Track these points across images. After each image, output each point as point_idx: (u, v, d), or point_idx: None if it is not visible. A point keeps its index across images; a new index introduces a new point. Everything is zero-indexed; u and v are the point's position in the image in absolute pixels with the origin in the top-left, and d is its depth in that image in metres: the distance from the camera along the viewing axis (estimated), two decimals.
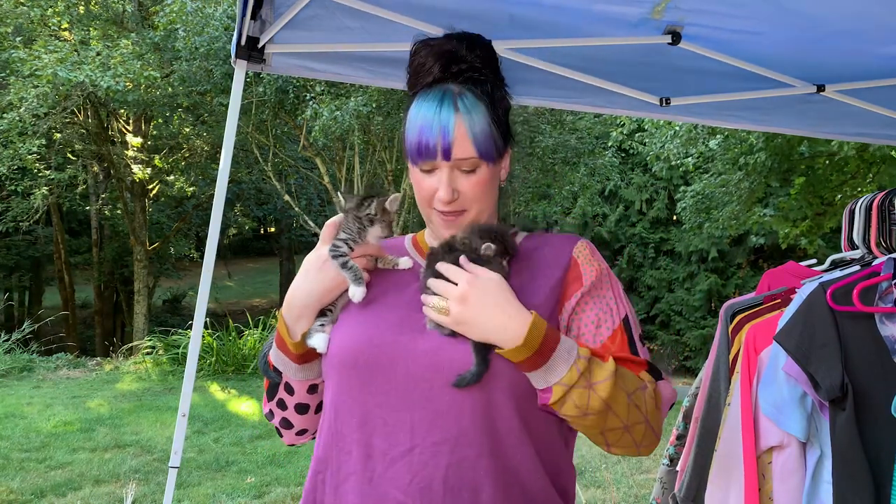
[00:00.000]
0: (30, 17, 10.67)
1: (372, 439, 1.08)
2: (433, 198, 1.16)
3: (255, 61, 2.00)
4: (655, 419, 1.10)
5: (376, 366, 1.09)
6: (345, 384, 1.13)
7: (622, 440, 1.08)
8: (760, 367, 1.57)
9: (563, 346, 1.04)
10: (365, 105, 9.10)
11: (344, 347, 1.13)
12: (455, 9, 1.82)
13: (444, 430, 1.04)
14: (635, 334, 1.15)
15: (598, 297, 1.14)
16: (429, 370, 1.06)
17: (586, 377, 1.03)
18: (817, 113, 2.34)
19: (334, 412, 1.14)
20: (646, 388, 1.09)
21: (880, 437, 1.32)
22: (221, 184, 2.10)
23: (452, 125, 1.13)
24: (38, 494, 4.66)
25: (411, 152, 1.16)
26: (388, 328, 1.12)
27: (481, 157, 1.14)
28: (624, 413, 1.05)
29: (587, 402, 1.02)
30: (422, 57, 1.22)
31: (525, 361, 1.02)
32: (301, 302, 1.18)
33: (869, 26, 1.71)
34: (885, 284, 1.37)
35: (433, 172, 1.16)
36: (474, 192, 1.15)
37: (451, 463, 1.03)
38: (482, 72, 1.19)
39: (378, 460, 1.06)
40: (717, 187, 9.54)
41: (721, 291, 16.02)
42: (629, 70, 2.10)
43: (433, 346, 1.07)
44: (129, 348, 11.39)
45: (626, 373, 1.08)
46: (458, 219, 1.17)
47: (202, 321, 2.19)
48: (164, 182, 13.99)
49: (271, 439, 6.31)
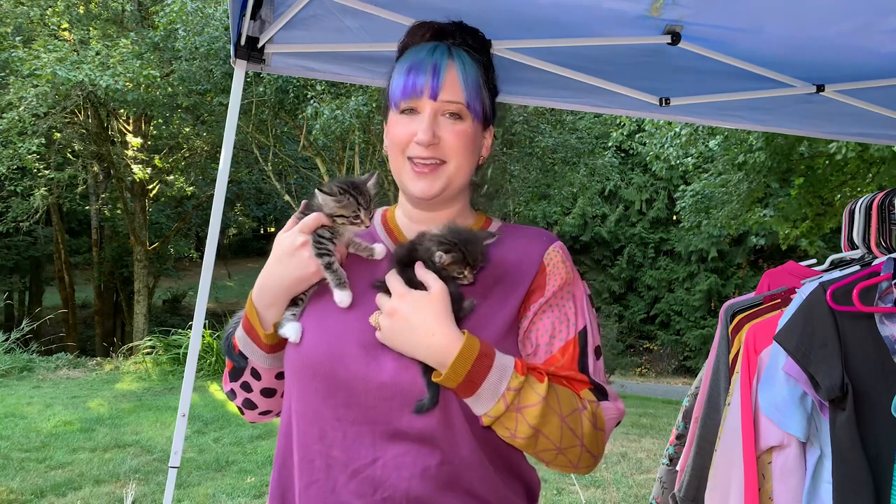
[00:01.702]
0: (29, 17, 10.68)
1: (331, 451, 1.05)
2: (409, 143, 1.11)
3: (254, 61, 2.00)
4: (593, 441, 1.05)
5: (335, 380, 1.05)
6: (305, 392, 1.08)
7: (557, 460, 1.05)
8: (760, 367, 1.57)
9: (493, 375, 0.99)
10: (365, 105, 9.11)
11: (304, 354, 1.08)
12: (454, 8, 1.81)
13: (408, 443, 1.02)
14: (590, 347, 1.11)
15: (557, 307, 1.11)
16: (388, 391, 1.02)
17: (516, 404, 1.00)
18: (817, 113, 2.34)
19: (295, 417, 1.10)
20: (584, 409, 1.05)
21: (880, 437, 1.32)
22: (221, 184, 2.10)
23: (444, 66, 1.10)
24: (38, 494, 4.66)
25: (394, 94, 1.12)
26: (351, 338, 1.06)
27: (469, 106, 1.11)
28: (556, 436, 1.02)
29: (515, 426, 1.00)
30: (415, 29, 1.20)
31: (456, 390, 1.00)
32: (272, 289, 1.11)
33: (869, 26, 1.71)
34: (885, 284, 1.37)
35: (414, 116, 1.11)
36: (456, 142, 1.11)
37: (414, 474, 1.01)
38: (477, 51, 1.18)
39: (339, 471, 1.04)
40: (717, 187, 9.55)
41: (721, 291, 16.03)
42: (629, 70, 2.10)
43: (395, 367, 1.03)
44: (129, 348, 11.39)
45: (563, 393, 1.04)
46: (433, 171, 1.11)
47: (202, 321, 2.19)
48: (164, 182, 13.99)
49: (271, 439, 6.31)
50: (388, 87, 1.16)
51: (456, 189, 1.15)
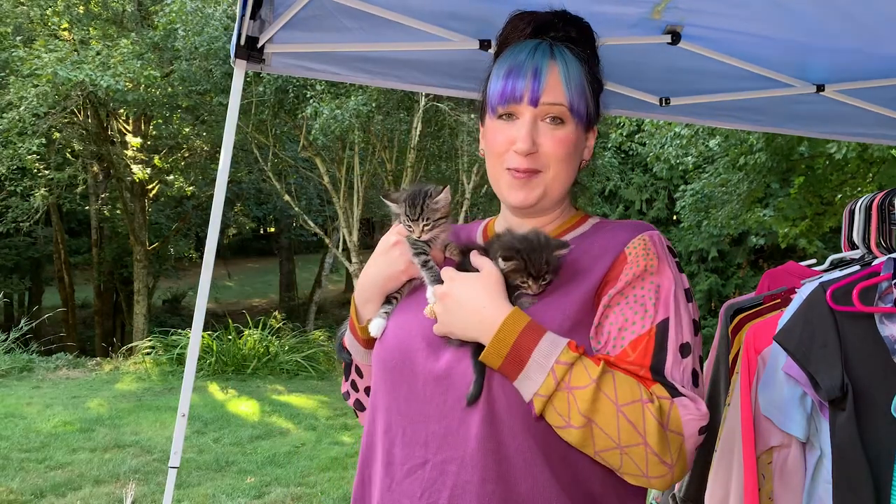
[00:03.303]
0: (29, 17, 10.68)
1: (393, 448, 1.05)
2: (508, 152, 1.06)
3: (254, 61, 2.00)
4: (661, 443, 0.90)
5: (401, 374, 1.06)
6: (378, 386, 1.11)
7: (624, 465, 0.92)
8: (760, 367, 1.56)
9: (542, 346, 0.93)
10: (365, 104, 9.11)
11: (382, 347, 1.11)
12: (453, 9, 1.82)
13: (453, 450, 0.98)
14: (671, 342, 0.97)
15: (632, 297, 0.99)
16: (443, 384, 1.00)
17: (567, 382, 0.91)
18: (817, 113, 2.34)
19: (371, 412, 1.13)
20: (649, 402, 0.91)
21: (880, 437, 1.31)
22: (221, 184, 2.10)
23: (546, 69, 1.03)
24: (37, 494, 4.66)
25: (492, 97, 1.07)
26: (420, 333, 1.06)
27: (571, 109, 1.04)
28: (612, 428, 0.90)
29: (568, 412, 0.91)
30: (516, 21, 1.13)
31: (502, 368, 0.94)
32: (368, 286, 1.15)
33: (868, 26, 1.71)
34: (884, 284, 1.37)
35: (513, 122, 1.05)
36: (556, 150, 1.05)
37: (457, 484, 0.97)
38: (580, 43, 1.11)
39: (397, 469, 1.04)
40: (717, 187, 9.55)
41: (721, 291, 16.02)
42: (629, 70, 2.10)
43: (450, 359, 1.01)
44: (128, 348, 11.38)
45: (621, 380, 0.93)
46: (531, 180, 1.06)
47: (202, 321, 2.19)
48: (164, 182, 13.97)
49: (271, 439, 6.31)
50: (485, 87, 1.11)
51: (555, 197, 1.10)
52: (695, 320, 1.03)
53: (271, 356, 9.83)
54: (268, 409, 7.40)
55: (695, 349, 1.00)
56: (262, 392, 8.33)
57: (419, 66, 2.15)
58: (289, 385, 8.98)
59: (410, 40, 1.95)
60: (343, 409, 7.46)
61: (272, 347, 9.97)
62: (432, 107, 10.21)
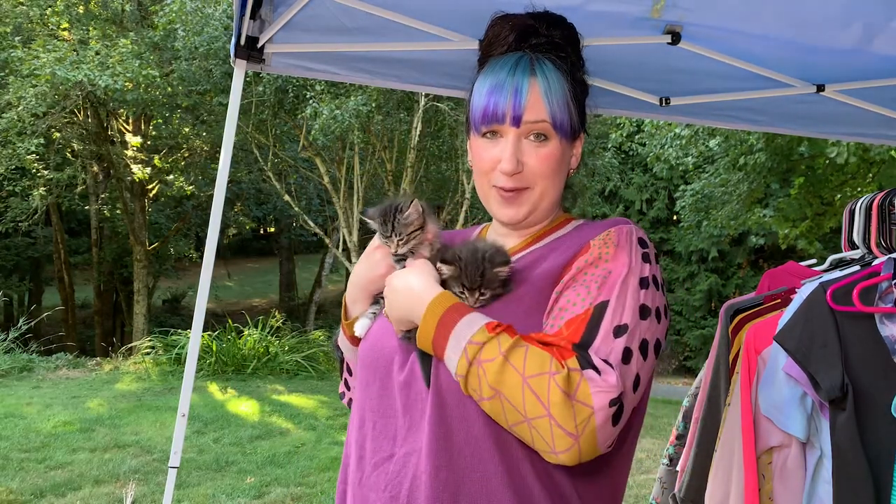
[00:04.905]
0: (29, 17, 10.68)
1: (365, 442, 1.09)
2: (494, 171, 1.06)
3: (254, 61, 2.00)
4: (565, 414, 0.88)
5: (375, 371, 1.10)
6: (359, 384, 1.15)
7: (535, 440, 0.91)
8: (760, 367, 1.56)
9: (458, 329, 0.94)
10: (365, 104, 9.10)
11: (362, 347, 1.16)
12: (452, 9, 1.82)
13: (415, 441, 1.01)
14: (606, 324, 0.94)
15: (580, 282, 0.99)
16: (409, 378, 1.04)
17: (478, 358, 0.92)
18: (817, 113, 2.34)
19: (353, 409, 1.18)
20: (556, 373, 0.89)
21: (880, 437, 1.31)
22: (221, 184, 2.10)
23: (526, 87, 1.03)
24: (37, 494, 4.66)
25: (475, 117, 1.07)
26: (395, 334, 1.09)
27: (554, 125, 1.04)
28: (518, 400, 0.89)
29: (479, 386, 0.92)
30: (497, 28, 1.12)
31: (434, 351, 0.97)
32: (354, 286, 1.20)
33: (869, 26, 1.71)
34: (885, 284, 1.37)
35: (497, 140, 1.06)
36: (541, 166, 1.06)
37: (416, 475, 0.99)
38: (563, 48, 1.11)
39: (367, 463, 1.07)
40: (717, 187, 9.56)
41: (721, 291, 16.02)
42: (628, 70, 2.10)
43: (416, 355, 1.05)
44: (128, 348, 11.38)
45: (533, 353, 0.91)
46: (519, 196, 1.07)
47: (202, 321, 2.19)
48: (164, 182, 13.97)
49: (271, 439, 6.31)
50: (468, 101, 1.11)
51: (543, 212, 1.12)
52: (646, 306, 0.98)
53: (271, 356, 9.82)
54: (268, 409, 7.40)
55: (637, 332, 0.96)
56: (261, 392, 8.33)
57: (419, 66, 2.15)
58: (289, 385, 8.98)
59: (410, 40, 1.96)
60: (343, 409, 7.46)
61: (272, 347, 9.97)
62: (432, 107, 10.21)
